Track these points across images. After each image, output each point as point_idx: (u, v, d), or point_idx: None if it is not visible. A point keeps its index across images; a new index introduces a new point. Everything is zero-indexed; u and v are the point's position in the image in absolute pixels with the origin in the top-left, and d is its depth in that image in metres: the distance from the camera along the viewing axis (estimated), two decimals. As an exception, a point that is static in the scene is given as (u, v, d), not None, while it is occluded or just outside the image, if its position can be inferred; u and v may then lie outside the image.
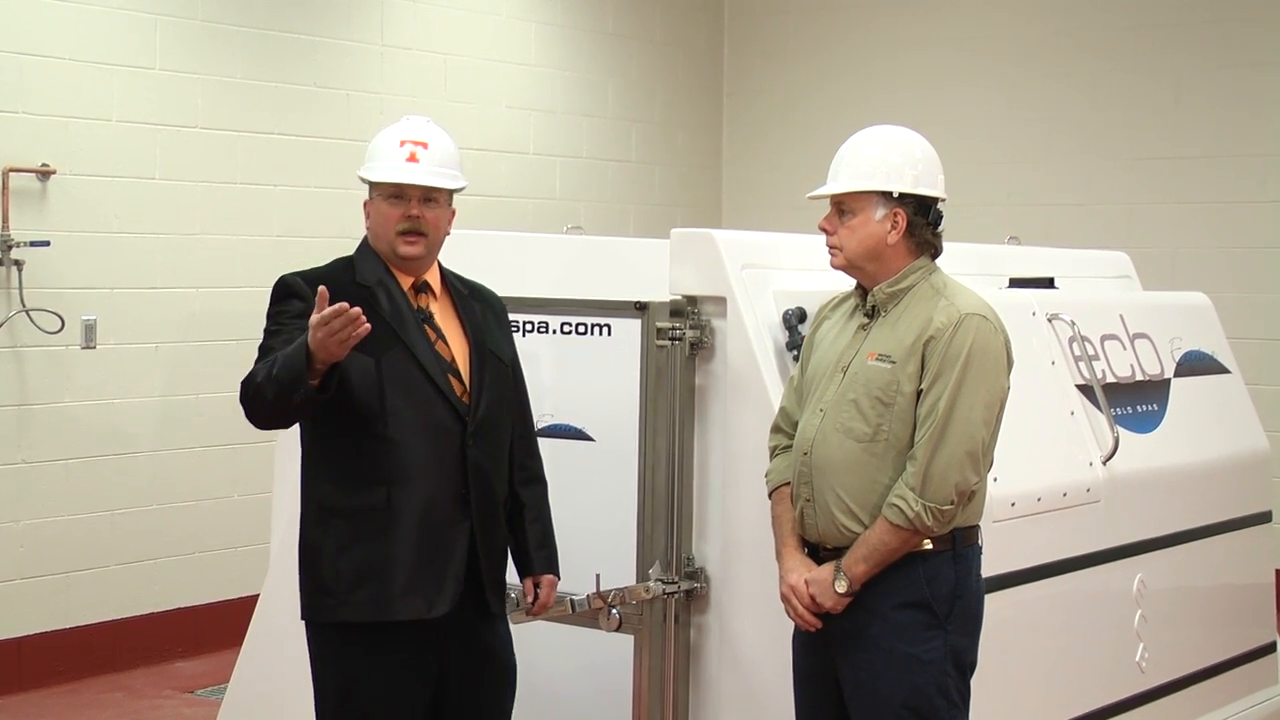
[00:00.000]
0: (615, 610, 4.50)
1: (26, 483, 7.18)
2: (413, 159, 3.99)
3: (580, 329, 4.86)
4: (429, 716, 4.03)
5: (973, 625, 4.06)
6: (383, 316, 3.93)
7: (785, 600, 4.07)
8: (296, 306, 3.90)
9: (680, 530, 4.65)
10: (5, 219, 7.03)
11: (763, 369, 4.55)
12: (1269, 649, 6.22)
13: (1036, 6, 9.90)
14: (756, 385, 4.55)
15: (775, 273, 4.72)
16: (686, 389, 4.65)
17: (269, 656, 5.42)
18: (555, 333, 4.87)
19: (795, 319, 4.58)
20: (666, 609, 4.63)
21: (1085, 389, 5.33)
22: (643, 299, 4.68)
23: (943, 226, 4.14)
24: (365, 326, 3.60)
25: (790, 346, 4.55)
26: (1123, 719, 5.32)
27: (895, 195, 4.04)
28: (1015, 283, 5.57)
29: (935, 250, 4.14)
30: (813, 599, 4.01)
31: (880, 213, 4.05)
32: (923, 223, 4.07)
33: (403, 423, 3.90)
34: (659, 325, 4.62)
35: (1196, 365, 6.06)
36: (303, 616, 4.02)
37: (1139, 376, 5.70)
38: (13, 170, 7.07)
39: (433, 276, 4.10)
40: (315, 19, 8.28)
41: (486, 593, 4.03)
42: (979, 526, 4.08)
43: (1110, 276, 6.43)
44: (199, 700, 7.17)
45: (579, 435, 4.83)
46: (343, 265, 4.08)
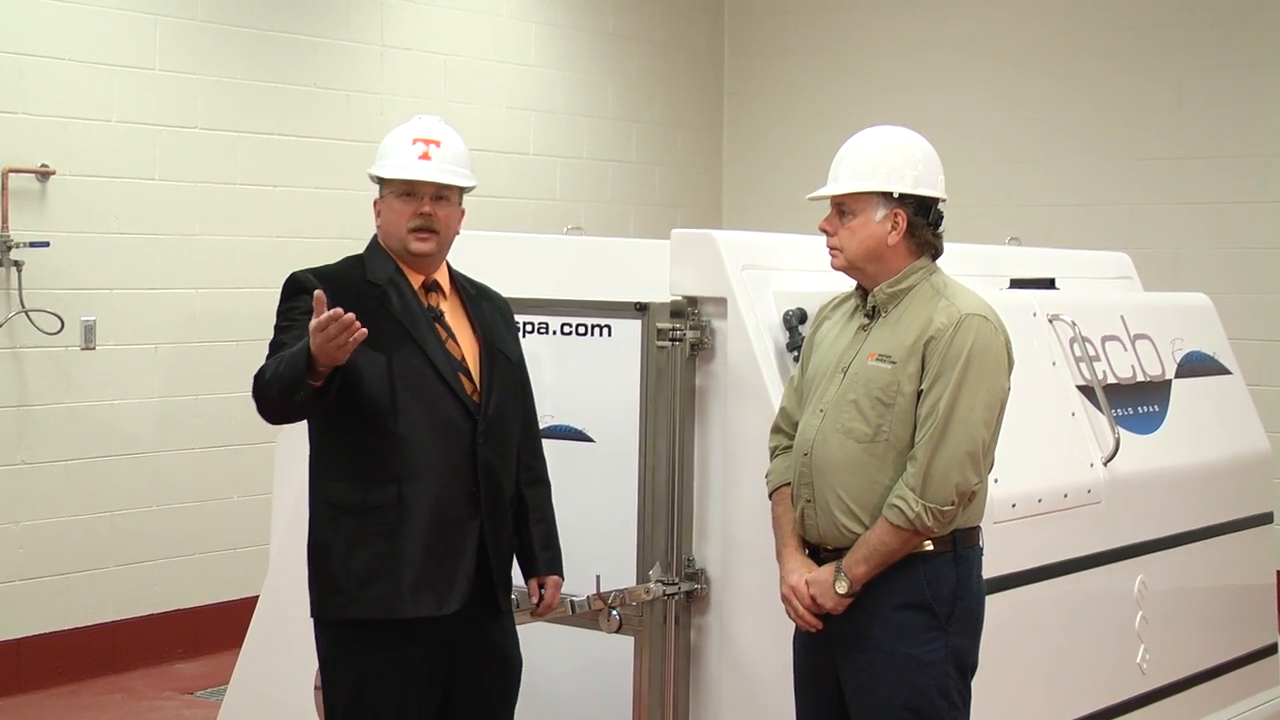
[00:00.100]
0: (615, 611, 4.49)
1: (26, 484, 7.18)
2: (425, 157, 4.02)
3: (580, 330, 4.86)
4: (437, 713, 4.04)
5: (974, 626, 4.06)
6: (394, 315, 3.96)
7: (786, 601, 4.07)
8: (307, 303, 3.90)
9: (680, 531, 4.64)
10: (5, 220, 7.03)
11: (763, 370, 4.54)
12: (1270, 650, 6.22)
13: (1037, 7, 9.89)
14: (757, 386, 4.54)
15: (776, 273, 4.71)
16: (687, 390, 4.65)
17: (269, 658, 5.42)
18: (555, 333, 4.87)
19: (796, 320, 4.58)
20: (667, 610, 4.63)
21: (1086, 390, 5.32)
22: (643, 300, 4.68)
23: (943, 227, 4.13)
24: (361, 332, 3.61)
25: (791, 347, 4.55)
26: (1123, 720, 5.33)
27: (895, 196, 4.04)
28: (1016, 283, 5.57)
29: (936, 251, 4.14)
30: (813, 600, 4.00)
31: (880, 213, 4.04)
32: (923, 223, 4.07)
33: (414, 420, 3.92)
34: (659, 326, 4.62)
35: (1197, 366, 6.05)
36: (312, 614, 4.03)
37: (1140, 377, 5.70)
38: (12, 171, 7.06)
39: (442, 276, 4.13)
40: (315, 19, 8.28)
41: (497, 590, 4.05)
42: (980, 528, 4.08)
43: (1111, 277, 6.42)
44: (199, 702, 7.16)
45: (579, 436, 4.83)
46: (353, 263, 4.10)
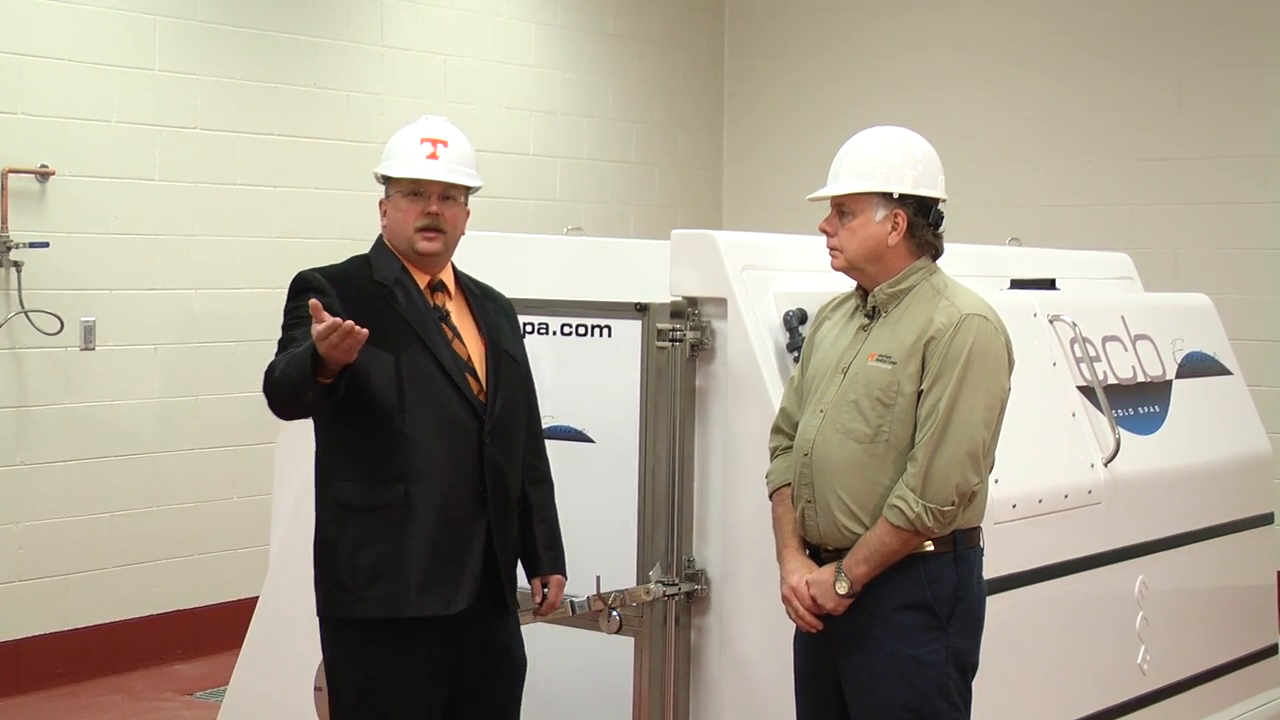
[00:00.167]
0: (615, 612, 4.49)
1: (25, 484, 7.17)
2: (433, 156, 4.03)
3: (580, 330, 4.86)
4: (444, 713, 4.04)
5: (974, 627, 4.06)
6: (401, 314, 3.98)
7: (786, 602, 4.07)
8: (316, 300, 3.91)
9: (680, 532, 4.64)
10: (4, 220, 7.02)
11: (763, 370, 4.54)
12: (1270, 651, 6.21)
13: (1037, 7, 9.89)
14: (757, 386, 4.54)
15: (776, 274, 4.71)
16: (687, 390, 4.64)
17: (269, 659, 5.42)
18: (555, 334, 4.86)
19: (796, 320, 4.57)
20: (667, 611, 4.62)
21: (1087, 390, 5.32)
22: (643, 300, 4.67)
23: (943, 227, 4.13)
24: (363, 334, 3.62)
25: (791, 348, 4.54)
26: (1124, 721, 5.32)
27: (895, 196, 4.03)
28: (1016, 284, 5.56)
29: (936, 251, 4.13)
30: (814, 600, 4.00)
31: (880, 214, 4.04)
32: (923, 224, 4.06)
33: (421, 420, 3.93)
34: (659, 326, 4.62)
35: (1198, 366, 6.05)
36: (318, 613, 4.04)
37: (1140, 378, 5.69)
38: (12, 171, 7.06)
39: (447, 276, 4.14)
40: (315, 20, 8.27)
41: (504, 589, 4.06)
42: (980, 528, 4.07)
43: (1111, 277, 6.42)
44: (198, 703, 7.15)
45: (579, 437, 4.82)
46: (359, 263, 4.11)
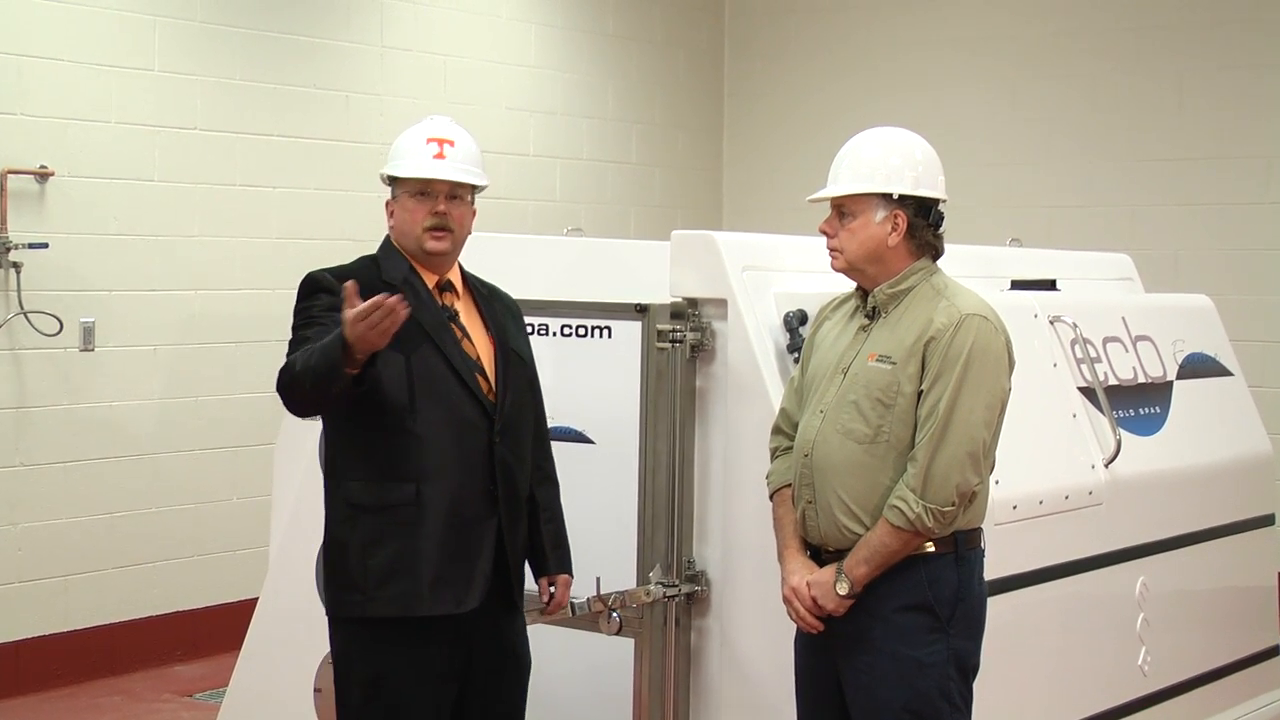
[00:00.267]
0: (615, 613, 4.49)
1: (25, 485, 7.16)
2: (440, 156, 4.05)
3: (580, 331, 4.85)
4: (451, 711, 4.05)
5: (975, 628, 4.05)
6: (410, 315, 3.94)
7: (787, 603, 4.06)
8: (325, 300, 3.96)
9: (681, 533, 4.63)
10: (4, 221, 7.01)
11: (763, 371, 4.53)
12: (1272, 652, 6.21)
13: (1037, 8, 9.89)
14: (757, 387, 4.53)
15: (776, 275, 4.70)
16: (687, 391, 4.64)
17: (268, 660, 5.41)
18: (555, 335, 4.86)
19: (796, 321, 4.57)
20: (667, 612, 4.62)
21: (1087, 391, 5.31)
22: (643, 301, 4.67)
23: (944, 228, 4.12)
24: (404, 313, 3.65)
25: (791, 349, 4.54)
26: (1125, 723, 5.32)
27: (895, 197, 4.03)
28: (1017, 285, 5.56)
29: (936, 252, 4.13)
30: (814, 601, 3.99)
31: (880, 215, 4.03)
32: (923, 224, 4.06)
33: (431, 420, 3.95)
34: (659, 327, 4.61)
35: (1199, 367, 6.04)
36: (328, 613, 4.06)
37: (1141, 379, 5.69)
38: (11, 172, 7.05)
39: (455, 276, 4.16)
40: (314, 20, 8.27)
41: (513, 588, 4.09)
42: (981, 529, 4.07)
43: (1112, 278, 6.41)
44: (198, 704, 7.15)
45: (579, 438, 4.82)
46: (367, 263, 4.12)
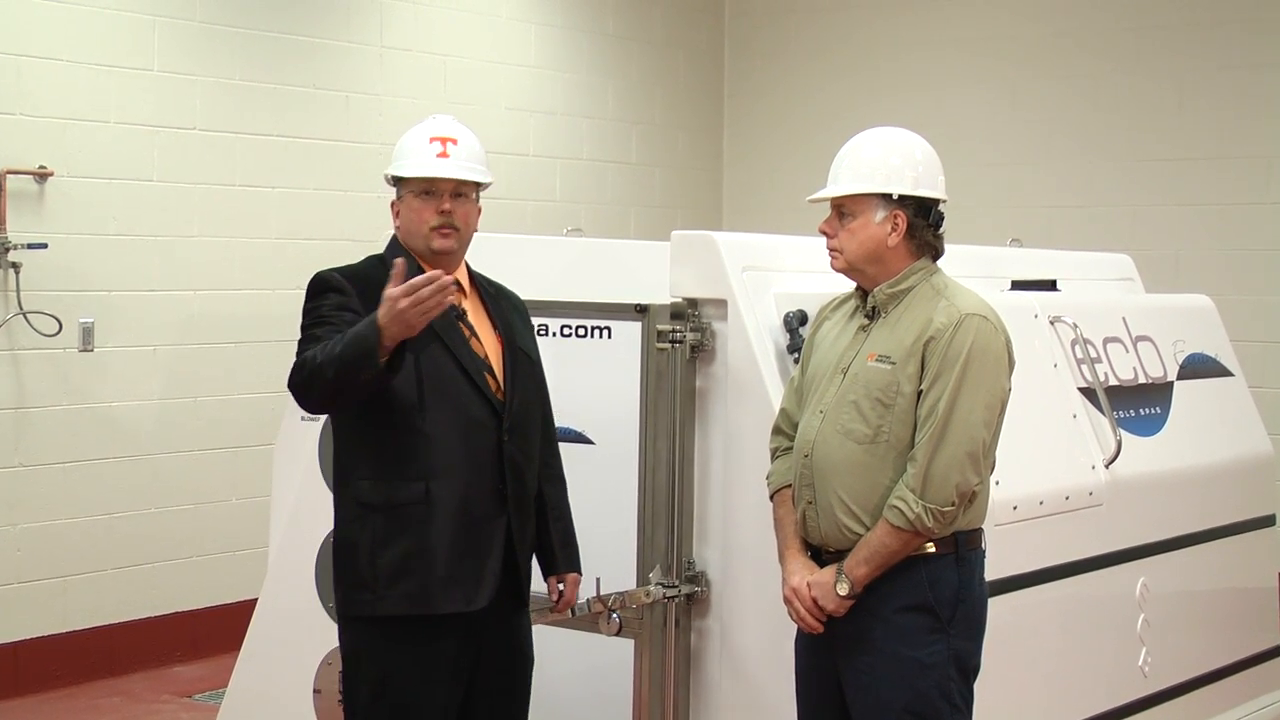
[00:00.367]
0: (615, 614, 4.48)
1: (24, 486, 7.16)
2: (443, 155, 4.07)
3: (580, 331, 4.85)
4: (459, 709, 4.07)
5: (976, 629, 4.04)
6: None
7: (787, 603, 4.06)
8: (334, 299, 3.97)
9: (681, 534, 4.63)
10: (3, 221, 7.01)
11: (763, 371, 4.53)
12: (1273, 653, 6.20)
13: (1038, 8, 9.88)
14: (757, 388, 4.53)
15: (776, 275, 4.70)
16: (687, 392, 4.63)
17: (268, 660, 5.41)
18: (555, 335, 4.85)
19: (796, 321, 4.56)
20: (667, 613, 4.61)
21: (1088, 392, 5.31)
22: (643, 301, 4.66)
23: (944, 228, 4.12)
24: (454, 294, 3.70)
25: (791, 349, 4.53)
26: (1125, 724, 5.31)
27: (895, 197, 4.02)
28: (1017, 285, 5.55)
29: (936, 252, 4.12)
30: (815, 601, 3.98)
31: (880, 215, 4.03)
32: (923, 224, 4.05)
33: (441, 419, 3.97)
34: (659, 328, 4.61)
35: (1199, 368, 6.04)
36: (338, 611, 4.09)
37: (1141, 379, 5.68)
38: (10, 172, 7.05)
39: (462, 275, 4.17)
40: (314, 20, 8.26)
41: (522, 586, 4.11)
42: (982, 530, 4.06)
43: (1112, 279, 6.41)
44: (197, 705, 7.14)
45: (579, 438, 4.81)
46: (375, 263, 4.13)
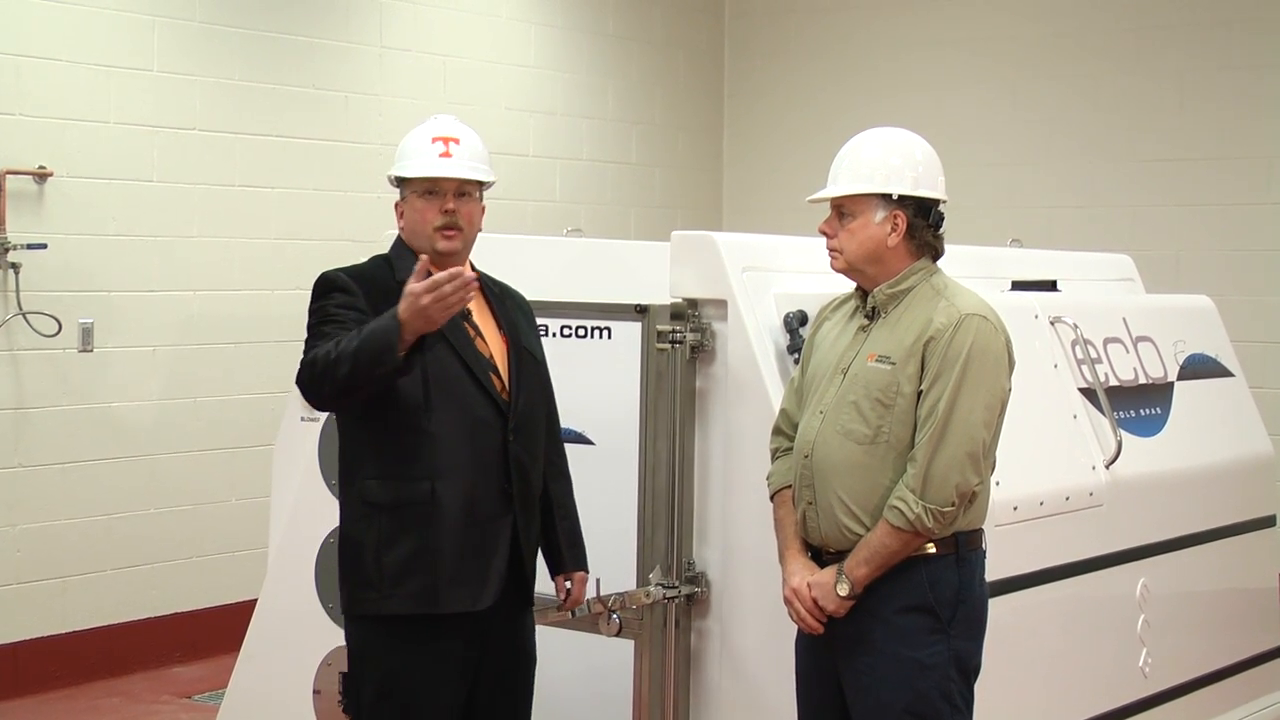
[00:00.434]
0: (615, 615, 4.48)
1: (23, 486, 7.15)
2: (446, 155, 4.08)
3: (580, 332, 4.84)
4: (463, 708, 4.08)
5: (976, 629, 4.04)
6: None
7: (788, 604, 4.05)
8: (340, 299, 3.99)
9: (681, 534, 4.62)
10: (2, 221, 7.00)
11: (764, 372, 4.52)
12: (1273, 654, 6.19)
13: (1038, 8, 9.88)
14: (757, 388, 4.52)
15: (776, 275, 4.70)
16: (687, 392, 4.63)
17: (267, 661, 5.41)
18: (555, 335, 4.84)
19: (796, 322, 4.56)
20: (667, 614, 4.61)
21: (1088, 392, 5.30)
22: (643, 302, 4.66)
23: (944, 228, 4.11)
24: (474, 290, 3.74)
25: (791, 349, 4.53)
26: (1126, 725, 5.30)
27: (895, 197, 4.02)
28: (1017, 285, 5.55)
29: (936, 252, 4.12)
30: (815, 602, 3.98)
31: (880, 215, 4.02)
32: (923, 225, 4.05)
33: (446, 419, 3.98)
34: (659, 328, 4.60)
35: (1200, 368, 6.03)
36: (344, 610, 4.11)
37: (1142, 380, 5.68)
38: (10, 173, 7.04)
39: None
40: (314, 20, 8.26)
41: (528, 585, 4.13)
42: (982, 530, 4.06)
43: (1113, 279, 6.40)
44: (197, 706, 7.14)
45: (579, 439, 4.80)
46: (380, 263, 4.15)
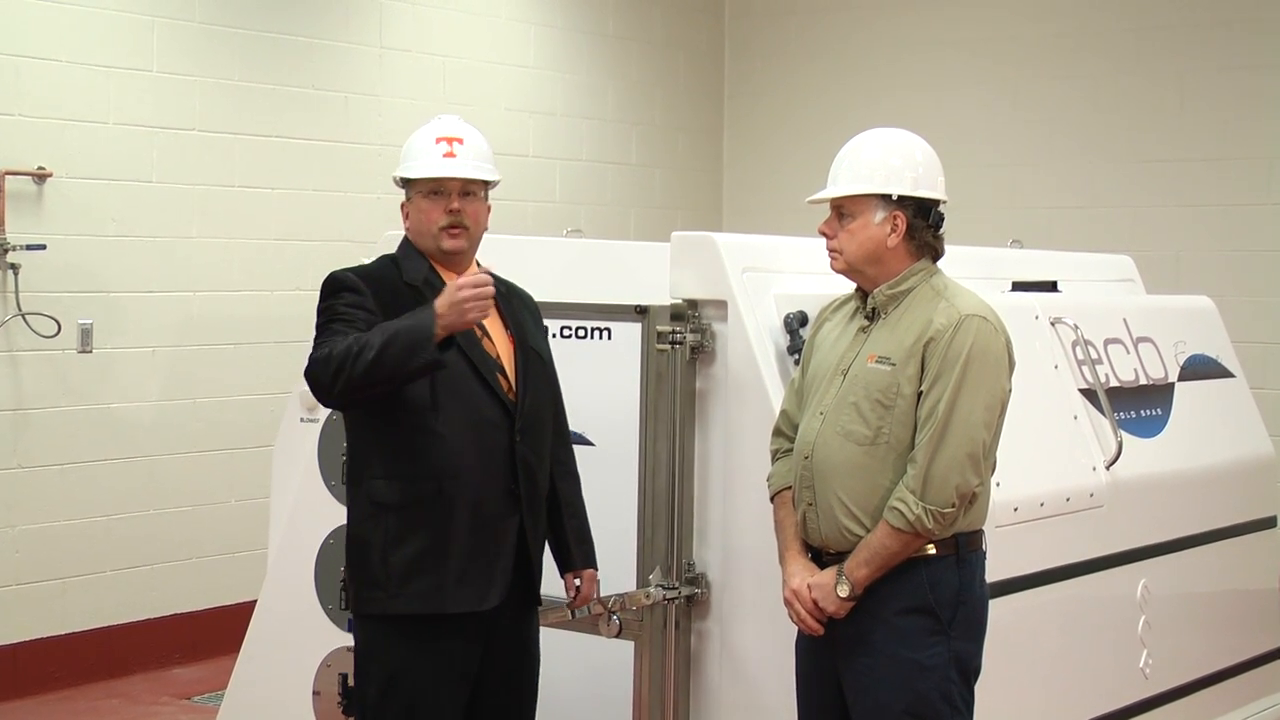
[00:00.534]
0: (615, 616, 4.47)
1: (22, 487, 7.15)
2: (450, 155, 4.12)
3: (580, 333, 4.84)
4: (468, 707, 4.09)
5: (976, 631, 4.04)
6: None
7: (788, 605, 4.05)
8: (350, 298, 4.01)
9: (681, 535, 4.62)
10: (2, 222, 7.00)
11: (764, 373, 4.52)
12: (1274, 655, 6.19)
13: (1039, 9, 9.87)
14: (757, 389, 4.52)
15: (776, 276, 4.69)
16: (687, 393, 4.62)
17: (267, 662, 5.40)
18: (555, 336, 4.84)
19: (796, 323, 4.55)
20: (667, 615, 4.60)
21: (1088, 393, 5.30)
22: (643, 303, 4.65)
23: (944, 229, 4.10)
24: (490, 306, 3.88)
25: (791, 350, 4.52)
26: (1126, 726, 5.30)
27: (895, 198, 4.01)
28: (1018, 286, 5.54)
29: (936, 253, 4.11)
30: (815, 603, 3.98)
31: (880, 215, 4.02)
32: (923, 225, 4.04)
33: (453, 419, 3.99)
34: (659, 329, 4.60)
35: (1200, 369, 6.03)
36: (352, 610, 4.12)
37: (1143, 380, 5.67)
38: (9, 173, 7.04)
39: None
40: (313, 21, 8.25)
41: (534, 585, 4.15)
42: (983, 531, 4.05)
43: (1113, 280, 6.40)
44: (196, 707, 7.14)
45: (579, 440, 4.78)
46: (387, 264, 4.17)
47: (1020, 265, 5.82)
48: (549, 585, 4.29)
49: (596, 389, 4.79)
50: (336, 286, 4.04)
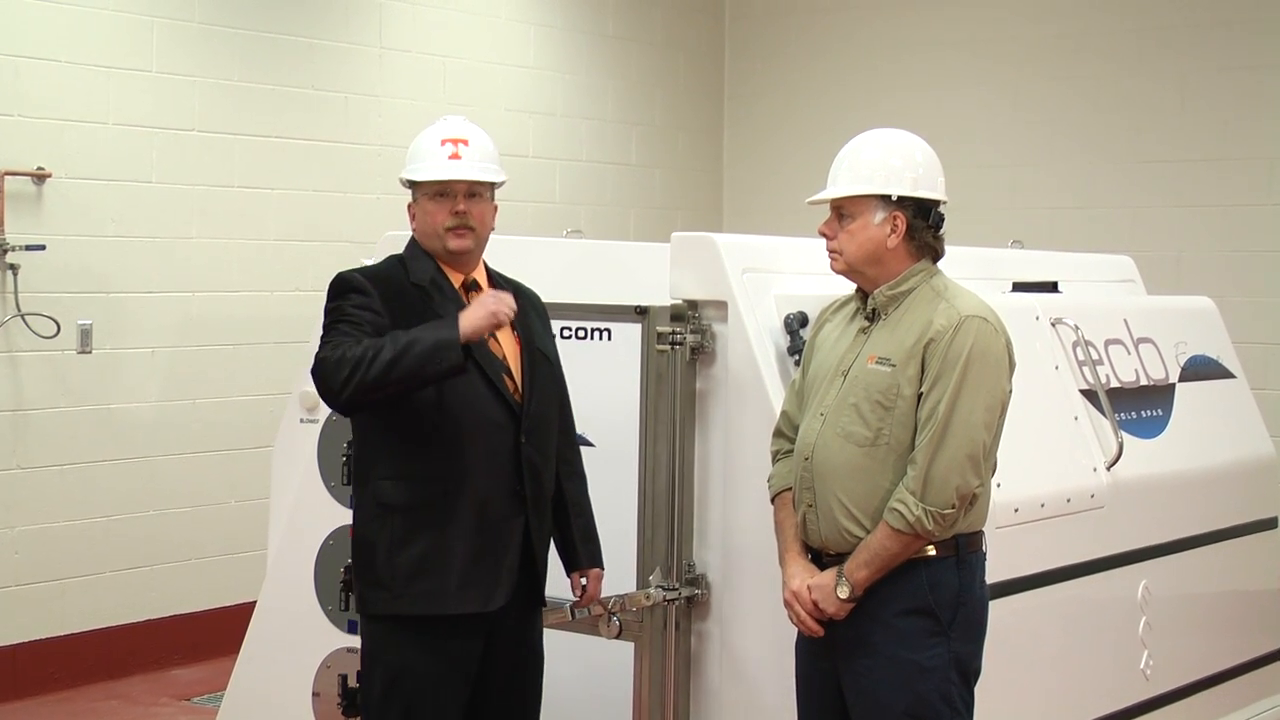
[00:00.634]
0: (615, 617, 4.47)
1: (21, 488, 7.15)
2: (455, 156, 4.13)
3: (580, 333, 4.84)
4: (476, 708, 4.11)
5: (976, 632, 4.03)
6: (438, 316, 4.02)
7: (788, 606, 4.05)
8: (357, 299, 4.02)
9: (681, 536, 4.61)
10: (1, 223, 7.00)
11: (764, 374, 4.51)
12: (1275, 656, 6.18)
13: (1039, 9, 9.87)
14: (758, 390, 4.51)
15: (776, 277, 4.69)
16: (687, 394, 4.62)
17: (266, 663, 5.40)
18: (555, 337, 4.83)
19: (797, 323, 4.55)
20: (667, 616, 4.60)
21: (1089, 394, 5.29)
22: (643, 303, 4.65)
23: (944, 230, 4.10)
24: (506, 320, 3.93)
25: (792, 351, 4.52)
26: (1127, 727, 5.29)
27: (895, 199, 4.01)
28: (1018, 287, 5.54)
29: (936, 253, 4.11)
30: (815, 605, 3.97)
31: (880, 216, 4.02)
32: (923, 226, 4.04)
33: (459, 421, 4.00)
34: (659, 330, 4.59)
35: (1201, 370, 6.02)
36: (357, 610, 4.15)
37: (1143, 381, 5.67)
38: (8, 174, 7.03)
39: (480, 274, 4.22)
40: (313, 21, 8.25)
41: (539, 585, 4.16)
42: (983, 532, 4.05)
43: (1114, 280, 6.39)
44: (196, 708, 7.14)
45: (579, 440, 4.79)
46: (394, 265, 4.18)
47: (1021, 266, 5.82)
48: (554, 587, 4.29)
49: (596, 390, 4.78)
50: (344, 287, 4.05)
